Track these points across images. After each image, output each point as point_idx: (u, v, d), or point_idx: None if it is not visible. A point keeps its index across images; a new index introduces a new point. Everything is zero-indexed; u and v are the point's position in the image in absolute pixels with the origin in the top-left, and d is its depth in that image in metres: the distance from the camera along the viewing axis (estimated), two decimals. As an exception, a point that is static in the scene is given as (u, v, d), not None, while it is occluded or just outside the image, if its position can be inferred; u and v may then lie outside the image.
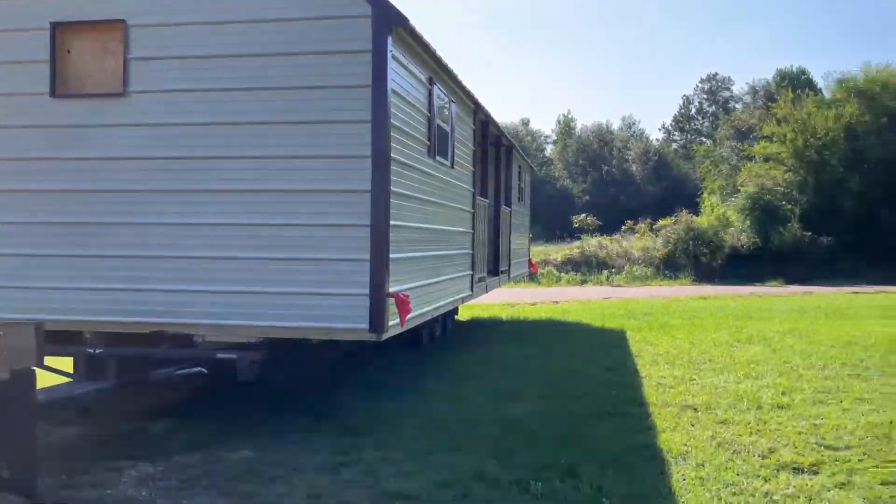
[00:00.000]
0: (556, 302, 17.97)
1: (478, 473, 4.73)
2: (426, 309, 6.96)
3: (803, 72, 50.67)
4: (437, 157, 7.26)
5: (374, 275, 5.40)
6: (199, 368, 5.77)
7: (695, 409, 6.49)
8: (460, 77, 7.84)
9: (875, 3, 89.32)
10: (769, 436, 5.63)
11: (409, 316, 5.82)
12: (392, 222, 5.57)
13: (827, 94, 35.96)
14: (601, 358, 9.33)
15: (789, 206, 30.33)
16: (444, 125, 7.54)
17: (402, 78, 5.97)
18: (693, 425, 5.97)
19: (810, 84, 44.33)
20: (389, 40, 5.48)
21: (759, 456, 5.13)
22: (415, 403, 6.74)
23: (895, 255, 28.57)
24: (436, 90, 7.08)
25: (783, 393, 7.08)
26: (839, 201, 30.61)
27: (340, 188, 5.54)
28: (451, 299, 8.26)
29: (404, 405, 6.66)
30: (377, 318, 5.39)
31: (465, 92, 8.39)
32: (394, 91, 5.62)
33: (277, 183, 5.61)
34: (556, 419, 6.14)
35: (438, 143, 7.27)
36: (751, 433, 5.71)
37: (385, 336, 5.53)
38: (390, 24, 5.44)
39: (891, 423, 5.91)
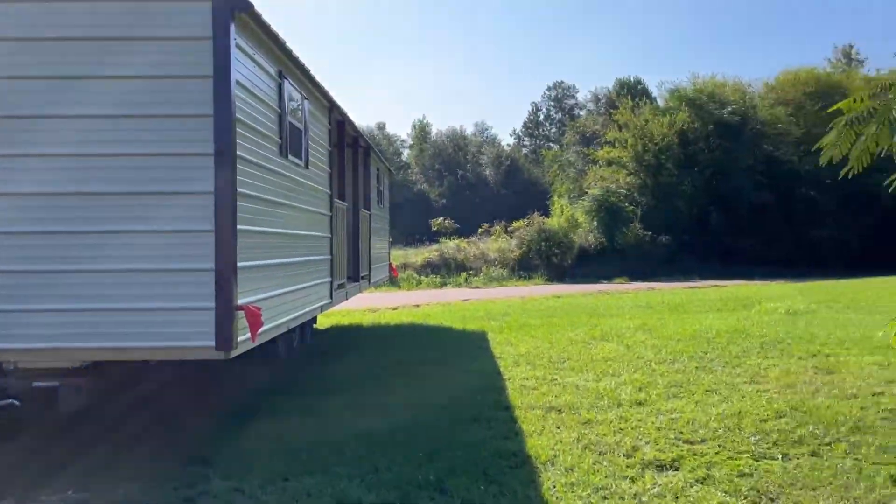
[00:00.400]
0: (417, 305, 17.84)
1: (340, 498, 4.36)
2: (282, 320, 6.47)
3: (639, 81, 54.09)
4: (290, 157, 6.79)
5: (220, 286, 4.87)
6: (9, 400, 4.95)
7: (559, 411, 6.47)
8: (313, 73, 7.41)
9: (703, 17, 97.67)
10: (631, 434, 5.68)
11: (261, 329, 5.32)
12: (240, 227, 5.06)
13: (661, 103, 38.64)
14: (464, 362, 9.21)
15: (632, 208, 32.28)
16: (296, 123, 7.08)
17: (249, 70, 5.47)
18: (559, 428, 5.92)
19: (646, 93, 47.40)
20: (233, 27, 4.97)
21: (623, 455, 5.14)
22: (271, 423, 6.23)
23: (723, 252, 31.24)
24: (287, 85, 6.61)
25: (640, 389, 7.25)
26: (675, 203, 33.00)
27: (179, 190, 4.95)
28: (309, 308, 7.79)
29: (259, 426, 6.14)
30: (224, 334, 4.87)
31: (319, 89, 7.95)
32: (239, 83, 5.12)
33: (105, 185, 4.93)
34: (423, 430, 5.88)
35: (291, 142, 6.80)
36: (614, 432, 5.74)
37: (234, 353, 5.01)
38: (233, 10, 4.94)
39: (739, 413, 6.17)
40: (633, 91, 47.12)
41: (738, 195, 32.08)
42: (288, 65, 6.63)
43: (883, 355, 8.49)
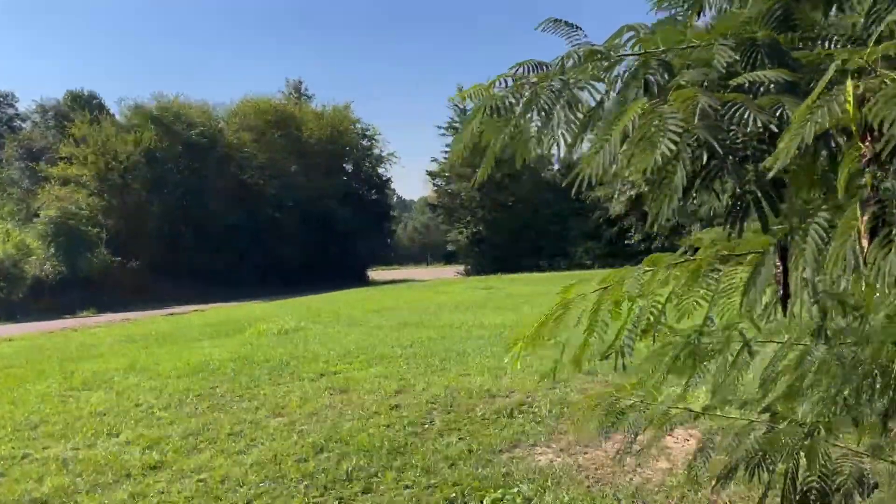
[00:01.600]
0: None
1: None
2: None
3: (94, 96, 49.91)
4: None
5: None
6: None
7: (44, 503, 4.74)
8: None
9: (162, 38, 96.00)
10: (157, 515, 4.42)
11: None
12: None
13: (123, 120, 36.09)
14: None
15: (96, 231, 29.10)
16: None
17: None
18: (50, 531, 4.26)
19: (103, 108, 43.89)
20: None
21: (155, 551, 3.89)
22: None
23: (199, 272, 30.69)
24: None
25: (150, 447, 5.92)
26: (145, 224, 31.07)
27: None
28: None
29: None
30: None
31: None
32: None
33: None
34: None
35: None
36: (133, 518, 4.40)
37: None
38: None
39: (275, 457, 5.45)
40: (87, 105, 43.10)
41: (211, 216, 32.05)
42: None
43: (382, 366, 8.91)
